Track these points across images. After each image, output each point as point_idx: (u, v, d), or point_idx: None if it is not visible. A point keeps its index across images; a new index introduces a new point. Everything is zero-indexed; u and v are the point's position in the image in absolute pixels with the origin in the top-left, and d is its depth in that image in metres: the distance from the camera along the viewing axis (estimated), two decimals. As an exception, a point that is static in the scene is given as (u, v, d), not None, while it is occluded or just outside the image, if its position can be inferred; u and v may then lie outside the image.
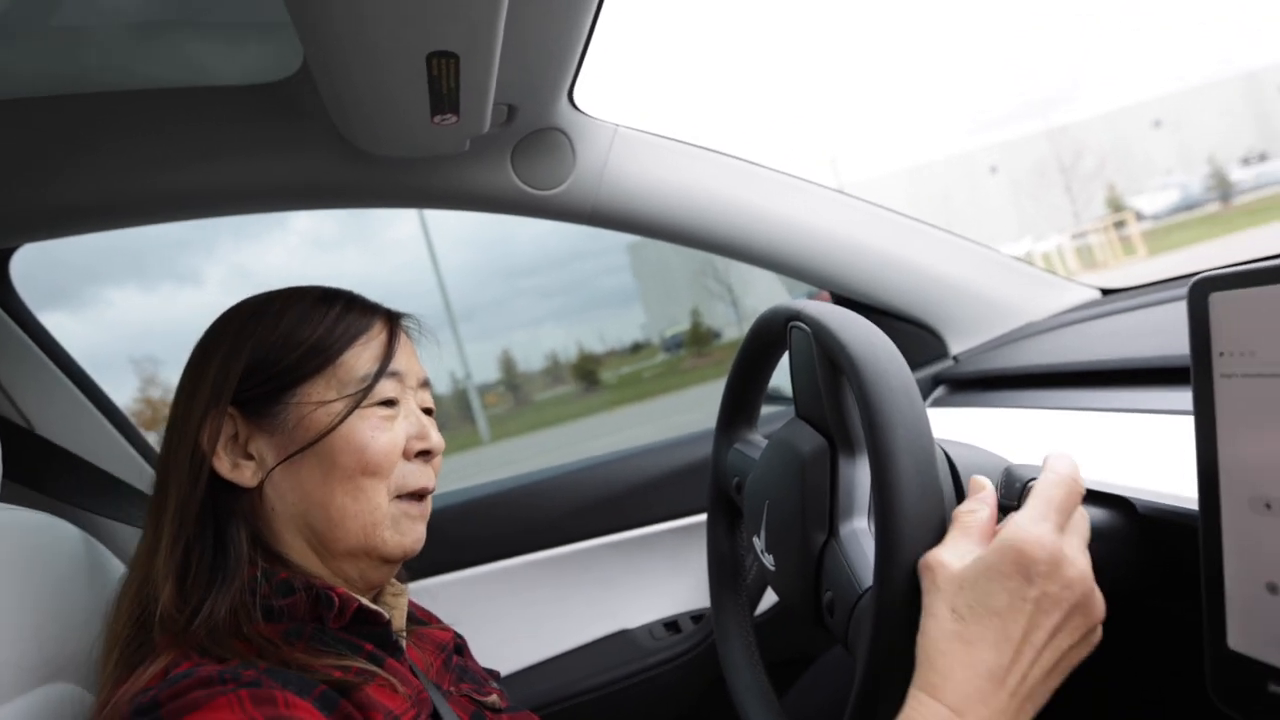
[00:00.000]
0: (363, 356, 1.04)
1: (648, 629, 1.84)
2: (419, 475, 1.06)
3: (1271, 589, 0.65)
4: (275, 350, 1.02)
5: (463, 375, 38.58)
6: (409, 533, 1.05)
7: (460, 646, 1.22)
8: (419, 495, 1.07)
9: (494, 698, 1.14)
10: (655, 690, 1.26)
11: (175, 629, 0.89)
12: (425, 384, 1.13)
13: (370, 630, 0.98)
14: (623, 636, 1.83)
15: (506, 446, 29.28)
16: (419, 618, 1.21)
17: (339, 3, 0.91)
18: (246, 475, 1.00)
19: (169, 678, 0.81)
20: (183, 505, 0.98)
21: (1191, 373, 0.71)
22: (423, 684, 0.99)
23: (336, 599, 0.95)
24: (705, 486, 1.24)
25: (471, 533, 1.80)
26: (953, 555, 0.71)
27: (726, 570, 1.21)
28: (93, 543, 1.15)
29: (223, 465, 0.99)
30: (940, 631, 0.69)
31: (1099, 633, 0.73)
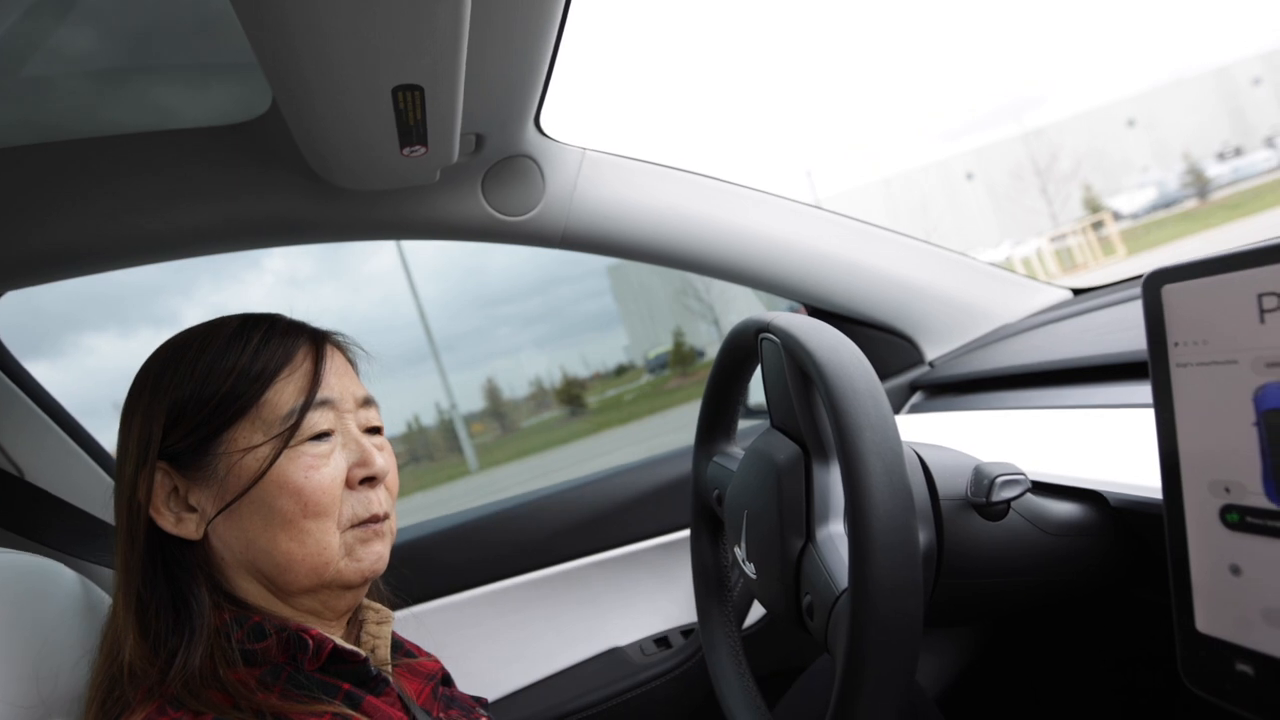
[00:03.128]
0: (286, 391, 0.98)
1: (638, 645, 1.84)
2: (367, 504, 1.00)
3: (1234, 570, 0.67)
4: (194, 398, 0.96)
5: (448, 406, 38.41)
6: (365, 556, 0.99)
7: (447, 677, 1.18)
8: (372, 522, 1.01)
9: None
10: (648, 706, 1.27)
11: (148, 682, 0.87)
12: (367, 403, 1.06)
13: (347, 669, 0.96)
14: (613, 654, 1.83)
15: (496, 475, 29.09)
16: (407, 649, 1.17)
17: (303, 43, 0.92)
18: (190, 529, 0.96)
19: None
20: (127, 561, 0.96)
21: (1149, 364, 0.73)
22: (414, 713, 0.98)
23: (311, 641, 0.92)
24: (688, 501, 1.25)
25: (457, 558, 1.79)
26: None
27: (711, 582, 1.22)
28: (87, 584, 1.16)
29: (166, 521, 0.96)
30: None
31: None
